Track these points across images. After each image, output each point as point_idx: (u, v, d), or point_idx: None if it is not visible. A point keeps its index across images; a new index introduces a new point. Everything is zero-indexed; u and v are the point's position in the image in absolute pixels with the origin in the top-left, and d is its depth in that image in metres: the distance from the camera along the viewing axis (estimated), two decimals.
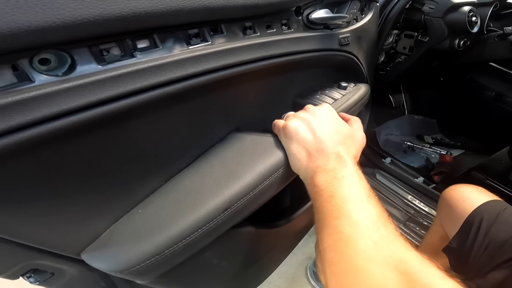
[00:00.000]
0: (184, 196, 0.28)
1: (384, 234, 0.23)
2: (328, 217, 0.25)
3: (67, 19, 0.17)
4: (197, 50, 0.24)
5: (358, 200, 0.25)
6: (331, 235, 0.24)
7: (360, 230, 0.23)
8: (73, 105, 0.18)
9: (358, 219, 0.23)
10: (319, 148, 0.29)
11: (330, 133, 0.30)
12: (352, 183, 0.26)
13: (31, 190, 0.20)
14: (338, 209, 0.24)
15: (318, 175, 0.27)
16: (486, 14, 0.74)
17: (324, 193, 0.26)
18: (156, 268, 0.24)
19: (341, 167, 0.28)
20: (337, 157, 0.28)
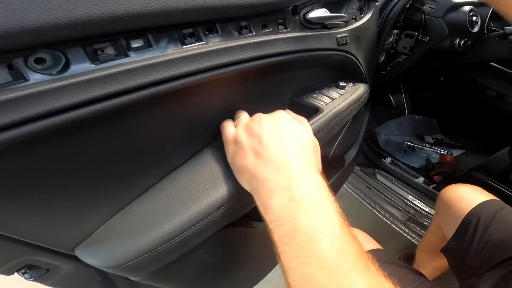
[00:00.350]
0: (178, 194, 0.28)
1: (368, 278, 0.18)
2: (293, 261, 0.20)
3: (60, 19, 0.17)
4: (192, 50, 0.25)
5: (329, 234, 0.20)
6: (300, 286, 0.19)
7: (337, 278, 0.18)
8: (66, 103, 0.18)
9: (334, 263, 0.18)
10: (266, 158, 0.23)
11: (280, 140, 0.24)
12: (317, 207, 0.21)
13: (25, 186, 0.20)
14: (306, 250, 0.19)
15: (270, 198, 0.22)
16: (486, 14, 0.74)
17: (283, 225, 0.20)
18: (149, 265, 0.25)
19: (299, 182, 0.21)
20: (291, 167, 0.22)
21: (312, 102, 0.44)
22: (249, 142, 0.25)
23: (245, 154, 0.25)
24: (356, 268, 0.19)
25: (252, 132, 0.26)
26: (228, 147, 0.28)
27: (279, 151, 0.23)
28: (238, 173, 0.26)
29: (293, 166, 0.23)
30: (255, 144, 0.25)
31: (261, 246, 0.44)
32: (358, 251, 0.20)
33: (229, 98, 0.34)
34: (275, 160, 0.23)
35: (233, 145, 0.27)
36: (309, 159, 0.24)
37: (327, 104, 0.44)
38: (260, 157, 0.24)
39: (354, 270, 0.18)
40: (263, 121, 0.27)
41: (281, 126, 0.26)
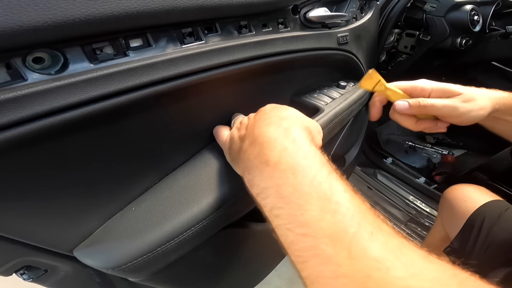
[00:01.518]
0: (178, 194, 0.28)
1: (383, 241, 0.15)
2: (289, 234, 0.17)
3: (59, 19, 0.17)
4: (191, 49, 0.24)
5: (320, 197, 0.17)
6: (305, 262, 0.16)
7: (345, 246, 0.15)
8: (65, 103, 0.18)
9: (334, 229, 0.15)
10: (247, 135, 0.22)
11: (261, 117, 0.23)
12: (298, 168, 0.18)
13: (23, 187, 0.20)
14: (298, 219, 0.16)
15: (250, 170, 0.20)
16: (488, 13, 0.73)
17: (268, 196, 0.18)
18: (148, 266, 0.25)
19: (272, 144, 0.20)
20: (266, 133, 0.21)
21: (313, 102, 0.44)
22: (239, 133, 0.25)
23: (235, 144, 0.25)
24: (364, 230, 0.15)
25: (242, 125, 0.26)
26: (225, 146, 0.28)
27: (259, 126, 0.22)
28: (232, 163, 0.25)
29: (268, 133, 0.21)
30: (242, 132, 0.24)
31: (261, 247, 0.44)
32: (361, 210, 0.16)
33: (229, 98, 0.33)
34: (253, 134, 0.22)
35: (228, 143, 0.27)
36: (287, 124, 0.22)
37: (327, 104, 0.43)
38: (244, 139, 0.23)
39: (362, 233, 0.15)
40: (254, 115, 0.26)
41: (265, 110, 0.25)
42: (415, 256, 0.15)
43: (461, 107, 0.31)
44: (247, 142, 0.22)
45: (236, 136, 0.25)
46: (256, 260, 0.47)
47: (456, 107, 0.31)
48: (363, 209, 0.16)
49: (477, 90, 0.33)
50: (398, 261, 0.14)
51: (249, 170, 0.21)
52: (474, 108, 0.32)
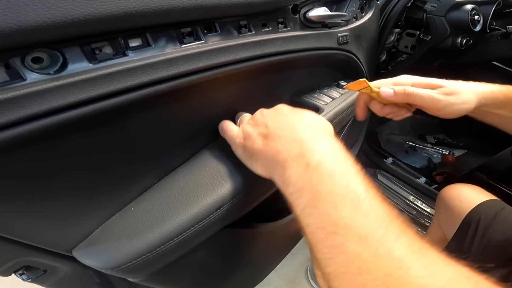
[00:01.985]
0: (177, 194, 0.28)
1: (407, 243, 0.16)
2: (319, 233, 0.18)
3: (58, 18, 0.17)
4: (190, 49, 0.24)
5: (353, 199, 0.18)
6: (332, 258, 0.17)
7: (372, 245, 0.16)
8: (63, 103, 0.18)
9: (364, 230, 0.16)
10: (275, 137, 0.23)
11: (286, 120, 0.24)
12: (336, 171, 0.19)
13: (22, 187, 0.20)
14: (330, 219, 0.18)
15: (286, 169, 0.21)
16: (488, 13, 0.73)
17: (303, 195, 0.19)
18: (147, 266, 0.25)
19: (312, 147, 0.21)
20: (301, 137, 0.22)
21: (313, 102, 0.44)
22: (255, 130, 0.25)
23: (254, 140, 0.25)
24: (390, 233, 0.16)
25: (257, 121, 0.26)
26: (235, 141, 0.27)
27: (287, 126, 0.23)
28: (250, 159, 0.25)
29: (304, 134, 0.22)
30: (261, 129, 0.25)
31: (261, 247, 0.44)
32: (389, 215, 0.17)
33: (228, 97, 0.33)
34: (285, 134, 0.23)
35: (240, 139, 0.27)
36: (320, 128, 0.24)
37: (327, 104, 0.43)
38: (269, 137, 0.23)
39: (389, 235, 0.16)
40: (265, 111, 0.27)
41: (283, 111, 0.26)
42: (435, 258, 0.16)
43: (443, 100, 0.31)
44: (276, 141, 0.23)
45: (254, 133, 0.25)
46: (256, 260, 0.47)
47: (438, 99, 0.31)
48: (391, 214, 0.18)
49: (462, 84, 0.33)
50: (419, 261, 0.15)
51: (283, 169, 0.21)
52: (456, 101, 0.32)
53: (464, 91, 0.32)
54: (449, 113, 0.32)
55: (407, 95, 0.31)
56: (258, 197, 0.33)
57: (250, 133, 0.25)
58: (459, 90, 0.32)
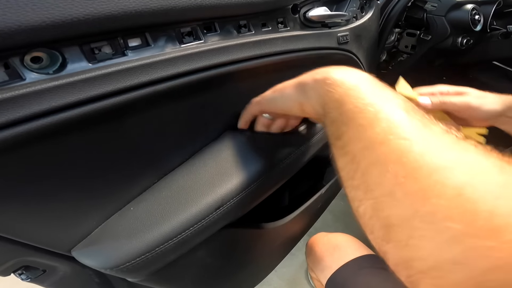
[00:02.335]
0: (177, 194, 0.28)
1: (439, 132, 0.15)
2: (365, 98, 0.17)
3: (57, 18, 0.17)
4: (190, 49, 0.24)
5: (400, 102, 0.17)
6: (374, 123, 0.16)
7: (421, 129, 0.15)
8: (63, 103, 0.18)
9: (421, 123, 0.15)
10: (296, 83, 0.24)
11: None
12: (377, 89, 0.19)
13: (21, 187, 0.20)
14: (389, 102, 0.17)
15: (329, 73, 0.21)
16: (489, 12, 0.73)
17: (346, 83, 0.19)
18: (146, 266, 0.25)
19: (347, 78, 0.20)
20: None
21: None
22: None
23: (277, 85, 0.27)
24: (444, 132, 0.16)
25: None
26: (254, 100, 0.30)
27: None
28: (277, 93, 0.27)
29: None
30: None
31: (261, 247, 0.44)
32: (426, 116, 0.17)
33: (228, 98, 0.33)
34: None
35: (259, 96, 0.29)
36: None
37: None
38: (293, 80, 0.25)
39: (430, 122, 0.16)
40: None
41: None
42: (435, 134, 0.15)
43: (473, 102, 0.35)
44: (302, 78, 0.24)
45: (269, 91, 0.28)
46: (256, 260, 0.47)
47: (469, 102, 0.35)
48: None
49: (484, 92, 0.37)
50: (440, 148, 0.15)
51: (322, 80, 0.22)
52: (484, 103, 0.35)
53: (490, 95, 0.36)
54: (480, 115, 0.35)
55: (442, 104, 0.36)
56: (258, 197, 0.33)
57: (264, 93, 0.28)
58: (485, 95, 0.36)
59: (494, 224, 0.11)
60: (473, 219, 0.11)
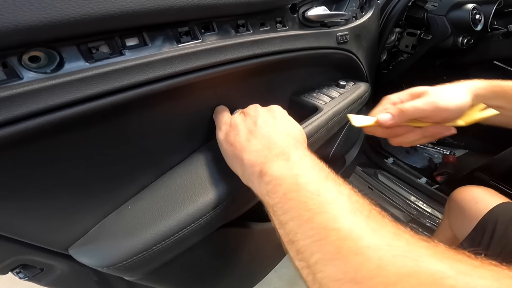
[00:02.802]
0: (174, 193, 0.28)
1: (381, 222, 0.17)
2: (304, 214, 0.18)
3: (54, 18, 0.17)
4: (187, 48, 0.24)
5: (335, 185, 0.19)
6: (321, 240, 0.17)
7: (363, 220, 0.17)
8: (60, 102, 0.18)
9: (352, 207, 0.17)
10: (259, 135, 0.24)
11: (274, 122, 0.26)
12: (315, 166, 0.21)
13: (18, 185, 0.20)
14: (317, 199, 0.18)
15: (266, 163, 0.21)
16: (490, 12, 0.72)
17: (284, 183, 0.19)
18: (144, 264, 0.25)
19: (293, 149, 0.22)
20: (284, 142, 0.23)
21: (311, 101, 0.44)
22: (243, 123, 0.26)
23: (238, 132, 0.26)
24: (374, 215, 0.18)
25: (247, 114, 0.27)
26: (222, 126, 0.28)
27: (272, 129, 0.25)
28: (228, 151, 0.26)
29: (286, 140, 0.24)
30: (249, 124, 0.26)
31: (259, 246, 0.44)
32: (365, 201, 0.19)
33: (226, 97, 0.33)
34: (269, 135, 0.24)
35: (227, 125, 0.28)
36: (300, 141, 0.25)
37: (326, 103, 0.43)
38: (253, 134, 0.25)
39: (375, 216, 0.18)
40: (259, 108, 0.28)
41: (275, 113, 0.27)
42: (388, 232, 0.17)
43: (440, 101, 0.28)
44: (259, 139, 0.24)
45: (241, 125, 0.26)
46: (254, 260, 0.47)
47: (434, 101, 0.28)
48: (366, 201, 0.20)
49: (443, 85, 0.31)
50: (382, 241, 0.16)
51: (262, 164, 0.22)
52: (452, 96, 0.29)
53: (452, 88, 0.30)
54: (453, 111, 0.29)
55: (404, 112, 0.29)
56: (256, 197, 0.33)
57: (238, 124, 0.27)
58: (448, 88, 0.30)
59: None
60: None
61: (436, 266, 0.14)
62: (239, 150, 0.24)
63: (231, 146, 0.25)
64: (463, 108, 0.29)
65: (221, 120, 0.29)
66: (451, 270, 0.13)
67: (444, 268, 0.14)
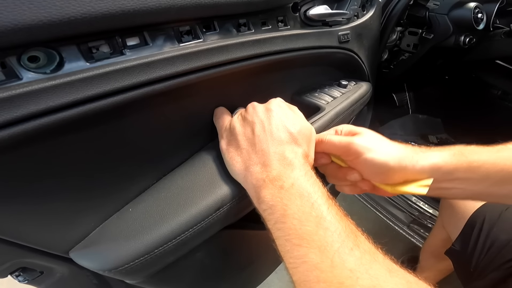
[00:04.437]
0: (176, 195, 0.27)
1: (358, 256, 0.19)
2: (287, 244, 0.21)
3: (54, 17, 0.17)
4: (188, 48, 0.24)
5: (318, 216, 0.21)
6: (296, 267, 0.20)
7: (329, 256, 0.19)
8: (60, 102, 0.18)
9: (323, 243, 0.19)
10: (258, 149, 0.24)
11: (272, 129, 0.25)
12: (305, 193, 0.22)
13: (18, 187, 0.20)
14: (296, 232, 0.20)
15: (262, 189, 0.23)
16: (492, 11, 0.72)
17: (274, 212, 0.22)
18: (145, 268, 0.24)
19: (288, 172, 0.23)
20: (281, 158, 0.24)
21: (313, 101, 0.43)
22: (242, 130, 0.27)
23: (238, 144, 0.26)
24: (345, 246, 0.19)
25: (246, 119, 0.27)
26: (223, 134, 0.29)
27: (271, 143, 0.25)
28: (230, 163, 0.26)
29: (283, 159, 0.24)
30: (247, 132, 0.26)
31: (261, 248, 0.43)
32: (346, 230, 0.20)
33: (227, 97, 0.33)
34: (267, 152, 0.24)
35: (228, 132, 0.28)
36: (299, 149, 0.25)
37: (328, 103, 0.43)
38: (252, 146, 0.25)
39: (344, 248, 0.19)
40: (257, 109, 0.28)
41: (273, 115, 0.27)
42: (381, 270, 0.18)
43: (357, 144, 0.26)
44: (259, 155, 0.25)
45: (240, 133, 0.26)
46: (255, 262, 0.47)
47: (350, 142, 0.27)
48: (348, 229, 0.21)
49: (394, 141, 0.28)
50: (367, 273, 0.18)
51: (260, 188, 0.24)
52: (375, 149, 0.26)
53: (386, 144, 0.28)
54: (364, 163, 0.26)
55: (319, 143, 0.29)
56: None
57: (237, 133, 0.27)
58: (387, 143, 0.28)
59: None
60: None
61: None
62: (240, 168, 0.26)
63: (234, 158, 0.26)
64: (378, 165, 0.26)
65: (222, 125, 0.29)
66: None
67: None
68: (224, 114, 0.31)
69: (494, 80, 0.86)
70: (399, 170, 0.26)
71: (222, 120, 0.30)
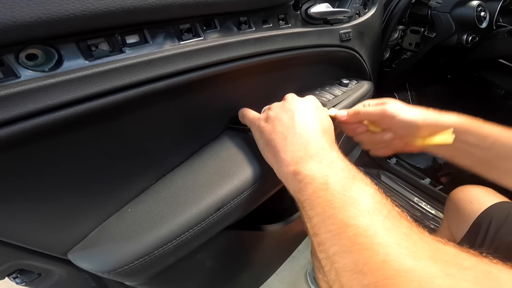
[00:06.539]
0: (176, 195, 0.27)
1: (408, 224, 0.18)
2: (328, 210, 0.19)
3: (53, 14, 0.17)
4: (189, 46, 0.24)
5: (362, 185, 0.20)
6: (340, 234, 0.18)
7: (380, 220, 0.18)
8: (59, 101, 0.18)
9: (372, 208, 0.19)
10: (297, 132, 0.26)
11: (310, 118, 0.27)
12: (345, 168, 0.22)
13: (16, 187, 0.19)
14: (341, 198, 0.19)
15: (300, 163, 0.23)
16: (495, 9, 0.71)
17: (314, 182, 0.21)
18: (145, 269, 0.24)
19: (326, 152, 0.24)
20: (318, 142, 0.25)
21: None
22: (282, 115, 0.27)
23: (275, 126, 0.27)
24: (394, 214, 0.19)
25: (286, 107, 0.28)
26: (256, 122, 0.29)
27: (310, 126, 0.26)
28: (266, 144, 0.27)
29: (322, 140, 0.25)
30: (288, 117, 0.27)
31: (262, 249, 0.43)
32: (390, 203, 0.20)
33: (228, 96, 0.33)
34: (306, 134, 0.26)
35: (262, 121, 0.29)
36: (330, 138, 0.27)
37: (329, 101, 0.43)
38: (291, 130, 0.26)
39: (393, 215, 0.19)
40: (296, 99, 0.30)
41: (311, 106, 0.29)
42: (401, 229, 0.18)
43: (389, 110, 0.32)
44: (297, 137, 0.25)
45: (278, 115, 0.27)
46: (256, 264, 0.46)
47: (383, 110, 0.32)
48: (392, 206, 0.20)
49: (411, 105, 0.33)
50: (421, 240, 0.18)
51: (295, 161, 0.24)
52: (401, 111, 0.32)
53: (415, 108, 0.33)
54: (396, 125, 0.32)
55: (357, 114, 0.34)
56: (260, 198, 0.32)
57: (275, 118, 0.27)
58: (408, 106, 0.33)
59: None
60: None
61: (430, 267, 0.16)
62: (276, 149, 0.26)
63: (268, 144, 0.27)
64: (409, 123, 0.31)
65: (253, 116, 0.30)
66: (441, 271, 0.15)
67: (436, 269, 0.16)
68: (251, 111, 0.32)
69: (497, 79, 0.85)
70: (426, 126, 0.31)
71: (251, 113, 0.31)
